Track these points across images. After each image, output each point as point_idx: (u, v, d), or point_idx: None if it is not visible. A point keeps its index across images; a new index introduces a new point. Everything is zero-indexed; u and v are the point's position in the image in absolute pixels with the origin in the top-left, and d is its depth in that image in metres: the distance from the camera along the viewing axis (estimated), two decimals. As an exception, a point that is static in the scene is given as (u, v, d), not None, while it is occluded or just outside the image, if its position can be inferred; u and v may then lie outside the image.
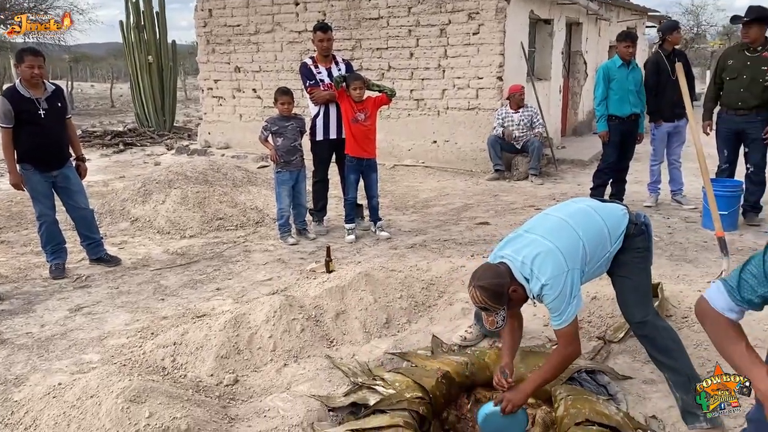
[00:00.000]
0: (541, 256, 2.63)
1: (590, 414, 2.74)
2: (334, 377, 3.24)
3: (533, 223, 2.89)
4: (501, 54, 8.57)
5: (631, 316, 2.84)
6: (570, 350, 2.66)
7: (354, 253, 5.30)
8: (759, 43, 5.57)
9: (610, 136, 6.28)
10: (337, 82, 5.37)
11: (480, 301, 2.62)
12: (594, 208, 2.89)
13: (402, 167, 9.35)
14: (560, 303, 2.57)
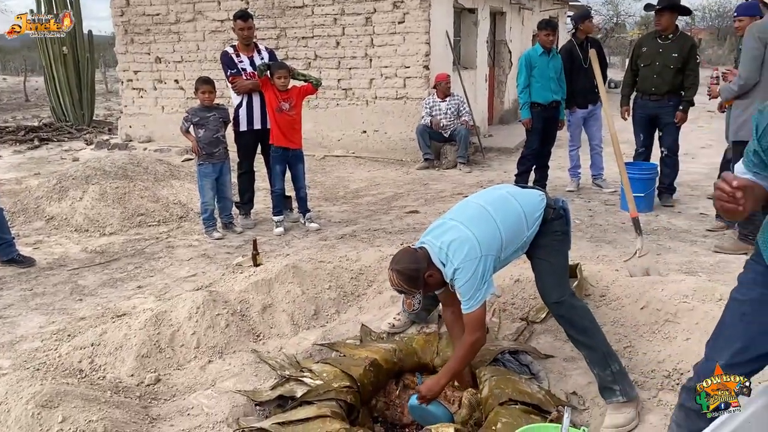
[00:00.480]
0: (457, 241, 2.70)
1: (513, 393, 2.81)
2: (261, 372, 3.19)
3: (455, 210, 2.95)
4: (427, 43, 8.62)
5: (548, 297, 2.92)
6: (475, 338, 2.74)
7: (282, 245, 5.23)
8: (670, 30, 5.82)
9: (533, 123, 6.42)
10: (261, 70, 5.26)
11: (396, 284, 2.70)
12: (513, 194, 2.97)
13: (332, 158, 9.29)
14: (470, 287, 2.65)
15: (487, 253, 2.71)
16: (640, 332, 3.23)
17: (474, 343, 2.77)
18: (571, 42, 6.52)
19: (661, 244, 4.91)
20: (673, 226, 5.43)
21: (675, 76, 5.79)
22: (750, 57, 4.32)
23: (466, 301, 2.72)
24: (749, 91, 4.41)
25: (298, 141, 5.50)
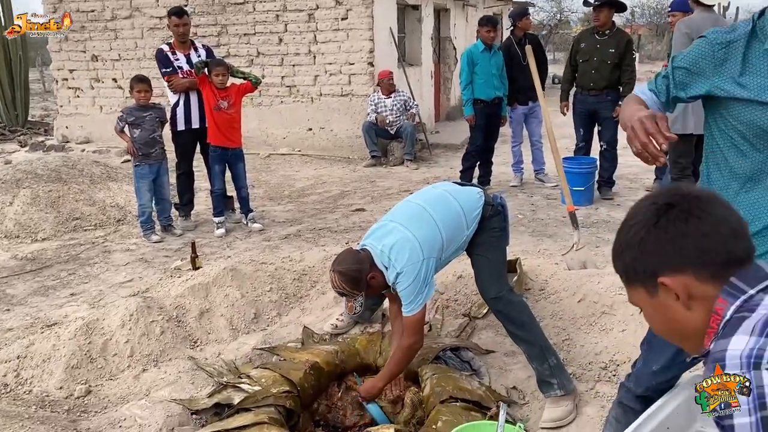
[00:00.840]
0: (399, 244, 2.69)
1: (454, 391, 2.80)
2: (197, 379, 3.10)
3: (395, 211, 2.94)
4: (371, 39, 8.58)
5: (486, 293, 2.93)
6: (413, 341, 2.74)
7: (224, 247, 5.11)
8: (607, 26, 5.93)
9: (476, 120, 6.45)
10: (198, 68, 5.12)
11: (338, 286, 2.65)
12: (451, 193, 2.97)
13: (277, 156, 9.16)
14: (412, 291, 2.64)
15: (429, 256, 2.70)
16: (578, 325, 3.27)
17: (411, 345, 2.76)
18: (510, 39, 6.58)
19: (601, 237, 5.00)
20: (612, 219, 5.55)
21: (612, 72, 5.91)
22: (678, 52, 4.43)
23: (407, 304, 2.71)
24: None
25: (237, 140, 5.39)
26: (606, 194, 6.22)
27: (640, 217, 1.14)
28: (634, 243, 1.13)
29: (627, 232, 1.15)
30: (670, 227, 1.09)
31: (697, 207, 1.10)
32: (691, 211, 1.10)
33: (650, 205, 1.14)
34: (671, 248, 1.09)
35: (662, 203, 1.12)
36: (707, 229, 1.09)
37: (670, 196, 1.13)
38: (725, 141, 1.74)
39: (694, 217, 1.09)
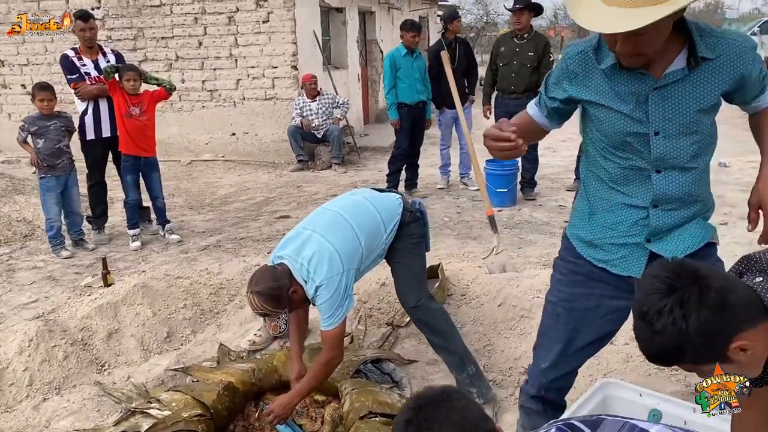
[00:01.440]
0: (317, 257, 2.58)
1: (373, 405, 2.73)
2: (104, 406, 2.92)
3: (311, 218, 2.83)
4: (294, 42, 8.44)
5: (406, 301, 2.88)
6: (332, 355, 2.65)
7: (139, 261, 4.88)
8: (526, 30, 6.01)
9: (401, 123, 6.43)
10: (108, 72, 4.87)
11: (259, 307, 2.51)
12: (369, 199, 2.90)
13: (200, 162, 8.88)
14: (332, 304, 2.54)
15: (349, 267, 2.62)
16: (498, 330, 3.27)
17: (330, 360, 2.67)
18: (440, 42, 6.59)
19: (523, 238, 5.06)
20: (534, 219, 5.63)
21: (532, 75, 5.98)
22: None
23: (326, 318, 2.61)
24: None
25: (150, 148, 5.16)
26: (528, 195, 6.31)
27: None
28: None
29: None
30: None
31: (430, 417, 1.22)
32: (421, 425, 1.22)
33: (400, 422, 1.26)
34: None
35: (403, 419, 1.26)
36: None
37: (412, 411, 1.24)
38: (595, 148, 1.85)
39: (426, 429, 1.22)
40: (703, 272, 1.26)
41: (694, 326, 1.21)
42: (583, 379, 2.68)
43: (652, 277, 1.30)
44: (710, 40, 1.63)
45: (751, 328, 1.24)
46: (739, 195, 5.83)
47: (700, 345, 1.23)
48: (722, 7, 39.48)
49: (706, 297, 1.22)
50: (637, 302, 1.31)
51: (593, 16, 1.56)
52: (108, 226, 5.59)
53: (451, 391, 1.30)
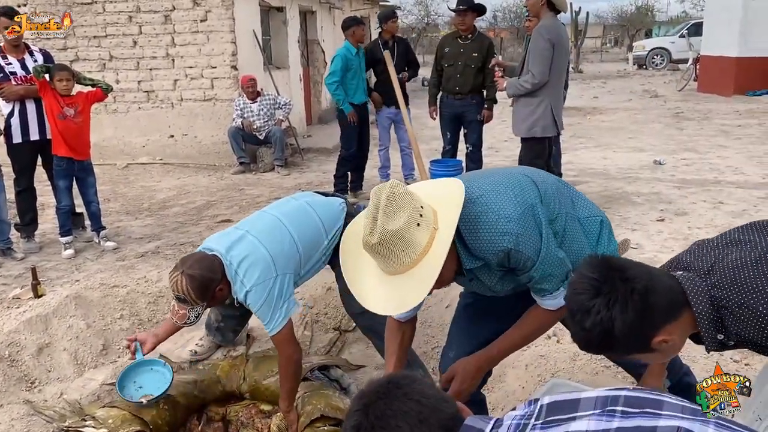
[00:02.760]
0: (248, 260, 2.50)
1: (326, 409, 2.68)
2: (34, 426, 2.76)
3: (249, 220, 2.76)
4: (233, 42, 8.26)
5: (350, 308, 2.85)
6: (287, 354, 2.59)
7: (72, 270, 4.64)
8: (470, 30, 6.03)
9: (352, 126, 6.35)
10: (38, 72, 4.62)
11: (182, 290, 2.40)
12: (312, 204, 2.86)
13: (137, 166, 8.59)
14: (267, 309, 2.48)
15: (284, 272, 2.54)
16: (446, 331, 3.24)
17: (289, 359, 2.60)
18: (376, 41, 6.54)
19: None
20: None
21: (476, 76, 6.00)
22: (542, 57, 4.52)
23: (267, 324, 2.54)
24: (538, 89, 4.64)
25: (85, 151, 4.94)
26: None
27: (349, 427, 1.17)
28: None
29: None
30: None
31: (382, 415, 1.10)
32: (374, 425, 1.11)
33: (348, 429, 1.14)
34: None
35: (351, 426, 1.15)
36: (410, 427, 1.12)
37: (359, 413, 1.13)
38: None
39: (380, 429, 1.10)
40: (629, 273, 1.32)
41: (619, 327, 1.29)
42: (532, 378, 2.70)
43: (581, 276, 1.36)
44: (473, 248, 1.70)
45: (673, 321, 1.35)
46: (674, 192, 6.04)
47: (625, 342, 1.32)
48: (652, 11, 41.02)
49: (630, 300, 1.29)
50: (567, 300, 1.39)
51: (380, 296, 1.66)
52: (38, 234, 5.31)
53: (398, 377, 1.15)
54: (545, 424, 1.07)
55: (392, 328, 2.09)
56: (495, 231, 1.66)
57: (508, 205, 1.69)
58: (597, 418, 1.04)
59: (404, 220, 1.52)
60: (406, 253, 1.53)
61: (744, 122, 10.28)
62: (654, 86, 16.59)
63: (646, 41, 26.96)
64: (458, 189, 1.66)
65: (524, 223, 1.68)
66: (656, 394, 1.10)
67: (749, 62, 13.25)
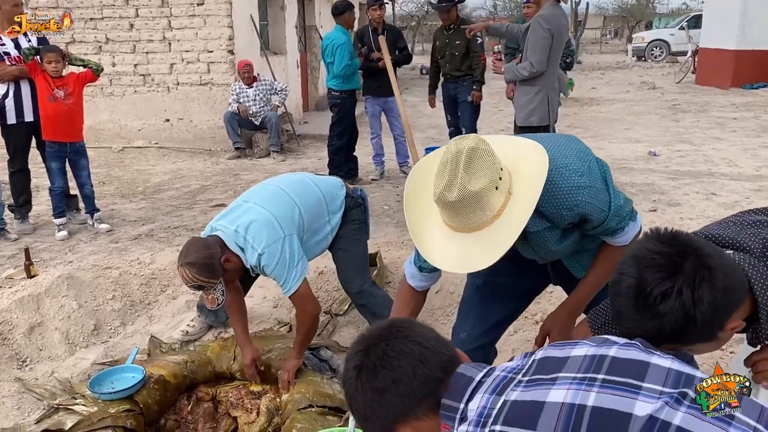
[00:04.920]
0: (256, 224, 2.55)
1: (314, 397, 2.70)
2: (25, 403, 2.78)
3: (250, 192, 2.82)
4: (230, 27, 8.22)
5: (349, 287, 2.89)
6: (308, 309, 2.67)
7: (66, 251, 4.65)
8: (454, 21, 6.18)
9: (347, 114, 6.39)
10: (27, 54, 4.61)
11: (191, 279, 2.43)
12: (312, 179, 2.93)
13: (132, 149, 8.57)
14: (282, 270, 2.53)
15: (290, 233, 2.59)
16: (436, 316, 3.29)
17: (308, 315, 2.68)
18: (366, 27, 6.51)
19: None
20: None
21: (462, 61, 6.20)
22: (540, 46, 4.51)
23: (283, 285, 2.60)
24: (535, 78, 4.65)
25: (77, 133, 4.92)
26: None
27: (350, 377, 1.14)
28: (356, 409, 1.14)
29: (350, 385, 1.15)
30: (368, 390, 1.10)
31: (384, 355, 1.10)
32: (376, 365, 1.10)
33: (351, 371, 1.13)
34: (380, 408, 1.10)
35: (352, 366, 1.13)
36: (397, 376, 1.09)
37: (361, 354, 1.13)
38: None
39: (382, 368, 1.09)
40: (707, 250, 1.16)
41: (702, 311, 1.12)
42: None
43: (651, 252, 1.17)
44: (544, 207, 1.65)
45: (740, 306, 1.22)
46: (667, 183, 6.05)
47: (702, 328, 1.15)
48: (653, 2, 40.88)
49: (715, 279, 1.12)
50: (633, 279, 1.17)
51: (447, 253, 1.56)
52: (33, 215, 5.31)
53: (399, 321, 1.16)
54: (529, 384, 1.04)
55: (404, 293, 2.05)
56: (568, 187, 1.62)
57: (574, 161, 1.65)
58: (576, 386, 0.99)
59: (486, 182, 1.46)
60: (480, 214, 1.48)
61: (740, 115, 10.29)
62: (652, 78, 16.57)
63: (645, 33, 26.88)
64: (541, 156, 1.57)
65: (591, 176, 1.66)
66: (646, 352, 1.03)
67: (747, 55, 13.25)
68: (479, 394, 1.06)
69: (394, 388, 1.08)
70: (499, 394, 1.04)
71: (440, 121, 6.72)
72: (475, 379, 1.09)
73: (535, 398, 1.00)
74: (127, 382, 2.72)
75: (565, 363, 1.04)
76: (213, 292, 2.52)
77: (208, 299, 2.57)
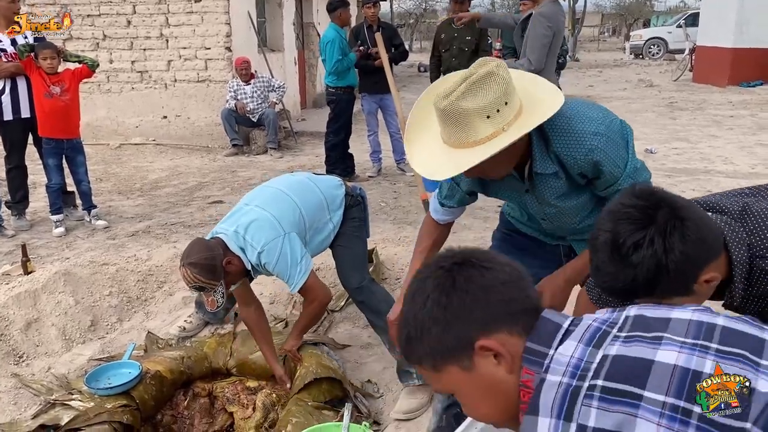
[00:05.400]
0: (255, 223, 2.58)
1: (317, 369, 2.74)
2: (21, 398, 2.79)
3: (251, 195, 2.85)
4: (227, 23, 8.22)
5: (348, 283, 2.90)
6: (318, 298, 2.72)
7: (63, 248, 4.66)
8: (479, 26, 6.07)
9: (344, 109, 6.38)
10: (22, 51, 4.61)
11: (193, 280, 2.45)
12: (312, 179, 2.96)
13: (130, 146, 8.57)
14: (285, 267, 2.55)
15: (289, 231, 2.61)
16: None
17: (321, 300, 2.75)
18: (361, 25, 6.50)
19: (457, 222, 5.08)
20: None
21: (471, 58, 6.03)
22: (540, 44, 4.49)
23: (288, 281, 2.62)
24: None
25: (74, 130, 4.92)
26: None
27: (431, 286, 1.01)
28: (436, 317, 1.00)
29: (421, 309, 1.01)
30: (470, 285, 0.99)
31: (483, 259, 1.03)
32: (481, 263, 1.01)
33: (437, 271, 1.03)
34: (479, 306, 0.99)
35: (449, 264, 1.02)
36: (504, 278, 1.01)
37: (452, 257, 1.04)
38: None
39: (487, 269, 1.01)
40: (680, 203, 1.19)
41: (674, 259, 1.15)
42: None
43: (626, 206, 1.20)
44: (557, 147, 1.68)
45: (715, 260, 1.24)
46: (663, 180, 6.07)
47: (674, 279, 1.17)
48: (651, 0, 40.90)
49: (687, 230, 1.15)
50: (608, 233, 1.20)
51: (428, 162, 1.63)
52: (30, 212, 5.32)
53: (475, 251, 1.07)
54: (628, 339, 0.96)
55: (428, 224, 2.11)
56: (586, 131, 1.65)
57: (596, 113, 1.68)
58: (689, 350, 0.92)
59: (477, 105, 1.49)
60: (462, 133, 1.52)
61: (736, 113, 10.32)
62: (649, 76, 16.60)
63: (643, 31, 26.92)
64: (553, 100, 1.60)
65: (611, 129, 1.68)
66: (757, 327, 0.97)
67: (744, 53, 13.27)
68: (571, 342, 0.97)
69: (501, 290, 1.00)
70: (596, 347, 0.96)
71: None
72: (563, 326, 1.01)
73: (641, 355, 0.92)
74: (124, 377, 2.74)
75: (668, 324, 0.97)
76: (213, 294, 2.54)
77: (208, 301, 2.59)
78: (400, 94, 6.75)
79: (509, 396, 1.00)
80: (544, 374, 0.95)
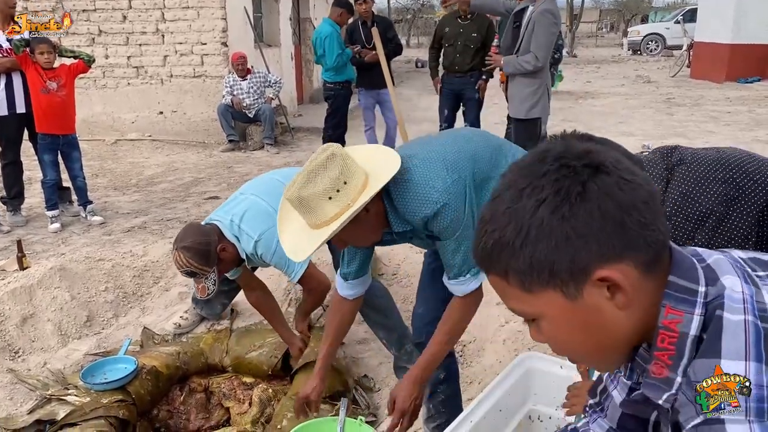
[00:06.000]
0: (250, 212, 2.56)
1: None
2: (17, 394, 2.79)
3: (248, 184, 2.84)
4: (223, 18, 8.19)
5: None
6: (313, 286, 2.74)
7: (58, 243, 4.65)
8: (469, 11, 6.00)
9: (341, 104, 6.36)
10: (17, 45, 4.59)
11: (185, 264, 2.40)
12: None
13: (126, 142, 8.54)
14: (282, 257, 2.50)
15: None
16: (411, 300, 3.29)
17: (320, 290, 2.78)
18: (356, 22, 6.47)
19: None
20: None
21: (475, 55, 5.97)
22: (548, 42, 4.45)
23: (287, 272, 2.61)
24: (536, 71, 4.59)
25: (70, 126, 4.91)
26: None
27: (549, 185, 0.77)
28: (550, 228, 0.77)
29: (529, 212, 0.77)
30: (604, 199, 0.76)
31: (622, 168, 0.79)
32: (620, 173, 0.78)
33: (561, 169, 0.78)
34: (610, 228, 0.77)
35: (580, 165, 0.78)
36: (645, 196, 0.79)
37: (583, 156, 0.79)
38: None
39: (627, 181, 0.78)
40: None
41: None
42: (509, 353, 2.74)
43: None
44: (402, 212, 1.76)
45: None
46: (659, 176, 6.06)
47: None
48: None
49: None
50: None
51: (294, 244, 1.73)
52: (25, 208, 5.30)
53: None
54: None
55: (334, 303, 2.17)
56: (421, 199, 1.72)
57: (437, 176, 1.74)
58: None
59: (317, 190, 1.60)
60: (311, 216, 1.64)
61: (734, 109, 10.32)
62: (647, 72, 16.59)
63: (641, 27, 26.88)
64: (390, 165, 1.71)
65: (451, 195, 1.74)
66: None
67: (742, 49, 13.27)
68: (733, 278, 0.80)
69: (639, 211, 0.78)
70: (754, 285, 0.80)
71: (436, 115, 6.63)
72: (707, 260, 0.84)
73: None
74: (120, 372, 2.73)
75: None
76: (205, 280, 2.47)
77: (199, 288, 2.50)
78: (398, 90, 6.75)
79: (613, 335, 0.84)
80: (698, 311, 0.80)
